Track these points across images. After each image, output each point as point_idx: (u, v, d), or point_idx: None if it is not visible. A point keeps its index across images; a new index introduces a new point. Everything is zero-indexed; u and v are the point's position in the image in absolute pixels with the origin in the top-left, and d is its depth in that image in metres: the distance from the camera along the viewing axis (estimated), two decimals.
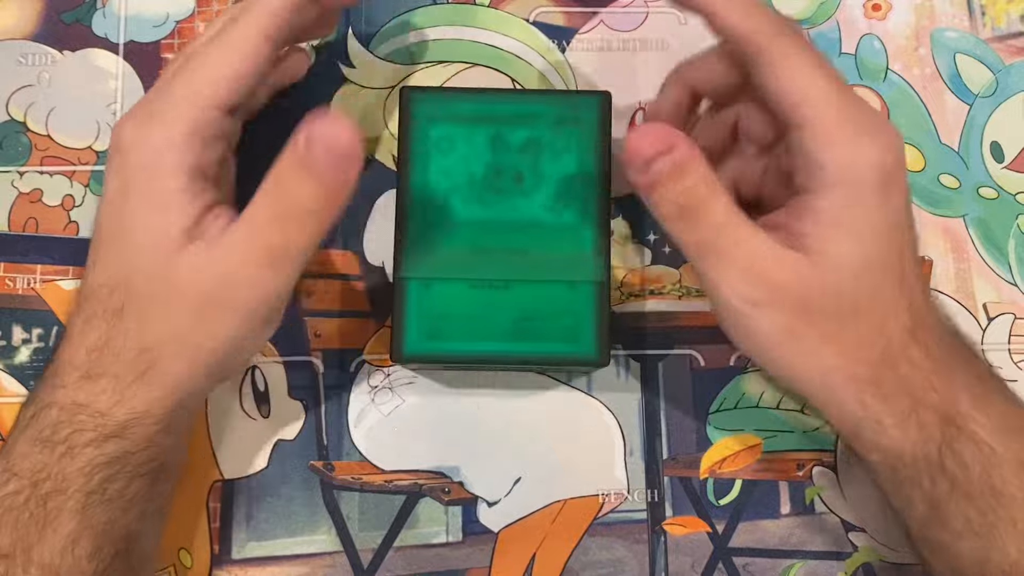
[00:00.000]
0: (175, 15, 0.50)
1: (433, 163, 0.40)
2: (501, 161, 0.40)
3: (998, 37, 0.51)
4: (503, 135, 0.40)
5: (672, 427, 0.46)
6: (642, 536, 0.45)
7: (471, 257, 0.39)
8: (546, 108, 0.40)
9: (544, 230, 0.39)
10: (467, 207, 0.39)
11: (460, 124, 0.40)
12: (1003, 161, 0.49)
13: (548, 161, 0.40)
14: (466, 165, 0.40)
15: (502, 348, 0.39)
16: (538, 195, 0.40)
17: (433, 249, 0.39)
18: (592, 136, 0.40)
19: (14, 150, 0.48)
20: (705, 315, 0.47)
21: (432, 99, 0.40)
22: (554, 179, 0.40)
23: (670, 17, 0.50)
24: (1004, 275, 0.48)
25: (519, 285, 0.39)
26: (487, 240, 0.39)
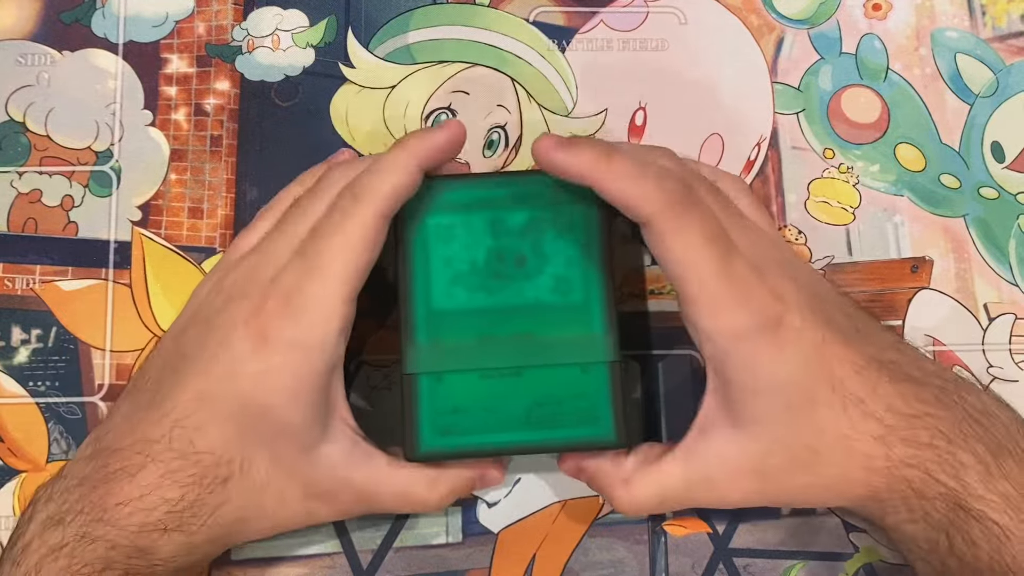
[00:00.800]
0: (174, 15, 0.50)
1: (433, 253, 0.38)
2: (502, 245, 0.38)
3: (999, 37, 0.51)
4: (502, 218, 0.39)
5: (672, 427, 0.46)
6: (642, 537, 0.45)
7: (480, 346, 0.38)
8: (543, 188, 0.39)
9: (551, 312, 0.38)
10: (471, 295, 0.38)
11: (457, 211, 0.39)
12: (1004, 161, 0.49)
13: (549, 241, 0.38)
14: (467, 252, 0.38)
15: (518, 437, 0.38)
16: (542, 277, 0.38)
17: (440, 342, 0.38)
18: (591, 209, 0.39)
19: (13, 150, 0.48)
20: None
21: (427, 189, 0.38)
22: (557, 259, 0.38)
23: (670, 17, 0.50)
24: (1005, 275, 0.48)
25: (530, 371, 0.38)
26: (494, 327, 0.38)
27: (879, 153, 0.49)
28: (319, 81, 0.49)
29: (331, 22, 0.50)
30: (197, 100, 0.49)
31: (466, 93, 0.49)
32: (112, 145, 0.48)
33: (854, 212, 0.48)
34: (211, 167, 0.48)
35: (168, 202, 0.47)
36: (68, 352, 0.45)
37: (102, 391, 0.45)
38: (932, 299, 0.47)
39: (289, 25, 0.50)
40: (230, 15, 0.50)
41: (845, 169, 0.49)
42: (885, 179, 0.49)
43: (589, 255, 0.38)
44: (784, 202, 0.48)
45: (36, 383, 0.45)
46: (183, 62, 0.49)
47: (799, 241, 0.48)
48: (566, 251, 0.38)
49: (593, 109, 0.49)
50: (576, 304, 0.38)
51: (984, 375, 0.47)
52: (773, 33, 0.51)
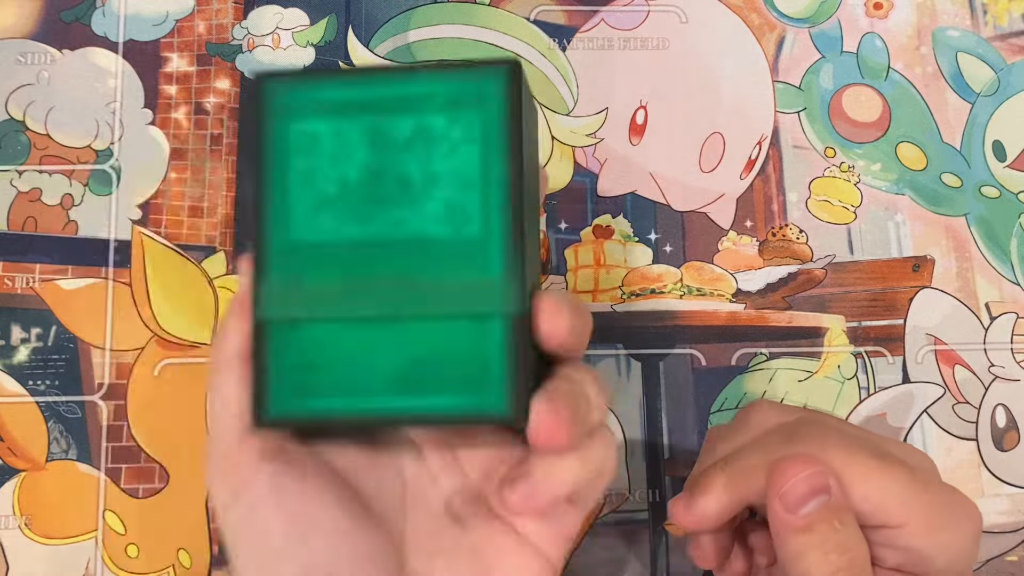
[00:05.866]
0: (175, 14, 0.50)
1: (293, 169, 0.30)
2: (381, 161, 0.30)
3: (1000, 36, 0.51)
4: (382, 127, 0.30)
5: (673, 427, 0.46)
6: (643, 536, 0.45)
7: (348, 289, 0.29)
8: (436, 87, 0.29)
9: (440, 248, 0.29)
10: (340, 224, 0.29)
11: (325, 115, 0.30)
12: (1005, 160, 0.49)
13: (442, 158, 0.29)
14: (336, 169, 0.30)
15: (388, 404, 0.29)
16: (430, 203, 0.29)
17: (298, 281, 0.29)
18: (499, 121, 0.29)
19: (13, 149, 0.48)
20: (706, 314, 0.47)
21: (289, 86, 0.30)
22: (451, 181, 0.29)
23: (671, 16, 0.50)
24: (1006, 274, 0.48)
25: (409, 322, 0.29)
26: (367, 266, 0.29)
27: (880, 152, 0.49)
28: None
29: (331, 21, 0.49)
30: (197, 99, 0.48)
31: None
32: (112, 144, 0.48)
33: (855, 211, 0.48)
34: (211, 166, 0.48)
35: (168, 201, 0.47)
36: (68, 351, 0.45)
37: (102, 390, 0.45)
38: (933, 298, 0.47)
39: (289, 24, 0.49)
40: (230, 14, 0.50)
41: (846, 168, 0.49)
42: (886, 178, 0.49)
43: (492, 177, 0.29)
44: (785, 201, 0.48)
45: (36, 382, 0.45)
46: (183, 61, 0.49)
47: (800, 240, 0.48)
48: (463, 171, 0.29)
49: (594, 108, 0.49)
50: (472, 240, 0.29)
51: (986, 374, 0.46)
52: (774, 32, 0.50)
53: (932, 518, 0.32)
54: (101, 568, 0.43)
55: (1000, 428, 0.46)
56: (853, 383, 0.46)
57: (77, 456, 0.44)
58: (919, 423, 0.46)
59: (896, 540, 0.33)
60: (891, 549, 0.33)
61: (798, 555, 0.32)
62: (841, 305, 0.47)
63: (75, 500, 0.44)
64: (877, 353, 0.47)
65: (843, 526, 0.32)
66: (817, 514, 0.31)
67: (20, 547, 0.43)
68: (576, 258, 0.47)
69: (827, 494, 0.32)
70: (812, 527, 0.31)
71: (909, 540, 0.32)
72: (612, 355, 0.46)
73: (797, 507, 0.32)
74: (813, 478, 0.32)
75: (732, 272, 0.47)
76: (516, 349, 0.29)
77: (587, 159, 0.49)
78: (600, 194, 0.48)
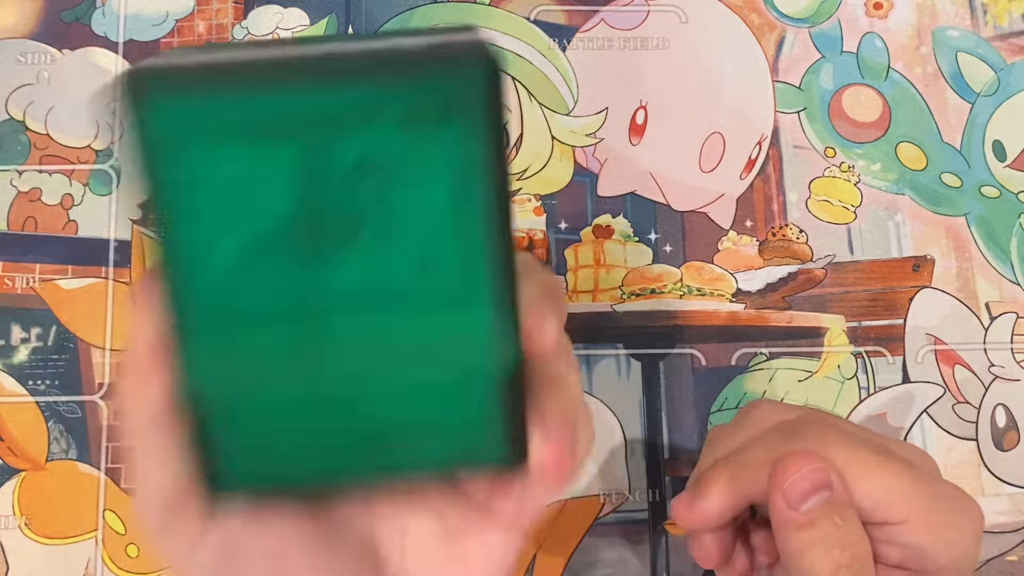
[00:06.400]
0: (175, 13, 0.50)
1: (209, 209, 0.21)
2: (325, 195, 0.21)
3: (1000, 36, 0.51)
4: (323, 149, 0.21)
5: (673, 426, 0.46)
6: (643, 536, 0.45)
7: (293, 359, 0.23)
8: (386, 94, 0.20)
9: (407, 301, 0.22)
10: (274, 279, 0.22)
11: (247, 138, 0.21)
12: (1005, 160, 0.49)
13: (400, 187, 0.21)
14: (266, 207, 0.21)
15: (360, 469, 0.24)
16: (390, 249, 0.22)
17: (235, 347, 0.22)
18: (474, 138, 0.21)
19: (13, 149, 0.48)
20: (706, 314, 0.47)
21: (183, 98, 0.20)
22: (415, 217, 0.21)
23: (671, 15, 0.50)
24: (1007, 274, 0.48)
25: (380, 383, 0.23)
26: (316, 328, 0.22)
27: (880, 152, 0.49)
28: None
29: (331, 21, 0.49)
30: None
31: None
32: (112, 144, 0.48)
33: (855, 211, 0.48)
34: None
35: None
36: (68, 351, 0.45)
37: (102, 390, 0.45)
38: (934, 298, 0.47)
39: (289, 24, 0.49)
40: (230, 14, 0.50)
41: (846, 168, 0.49)
42: (886, 178, 0.49)
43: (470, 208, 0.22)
44: (785, 201, 0.48)
45: (36, 382, 0.45)
46: None
47: (800, 240, 0.48)
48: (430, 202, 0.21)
49: (594, 108, 0.49)
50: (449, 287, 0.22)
51: (986, 374, 0.46)
52: (774, 32, 0.50)
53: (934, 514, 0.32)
54: (101, 568, 0.43)
55: (1000, 428, 0.46)
56: (853, 383, 0.46)
57: (77, 456, 0.44)
58: (919, 423, 0.46)
59: (898, 537, 0.33)
60: (893, 546, 0.33)
61: (800, 551, 0.32)
62: (841, 305, 0.47)
63: (75, 500, 0.44)
64: (877, 353, 0.47)
65: (845, 522, 0.32)
66: (819, 510, 0.31)
67: (20, 547, 0.43)
68: (576, 258, 0.47)
69: (829, 490, 0.32)
70: (814, 523, 0.31)
71: (911, 536, 0.32)
72: (612, 355, 0.46)
73: (799, 503, 0.32)
74: (815, 474, 0.32)
75: (732, 272, 0.47)
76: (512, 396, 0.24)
77: (587, 159, 0.49)
78: (600, 194, 0.48)
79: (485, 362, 0.23)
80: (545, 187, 0.48)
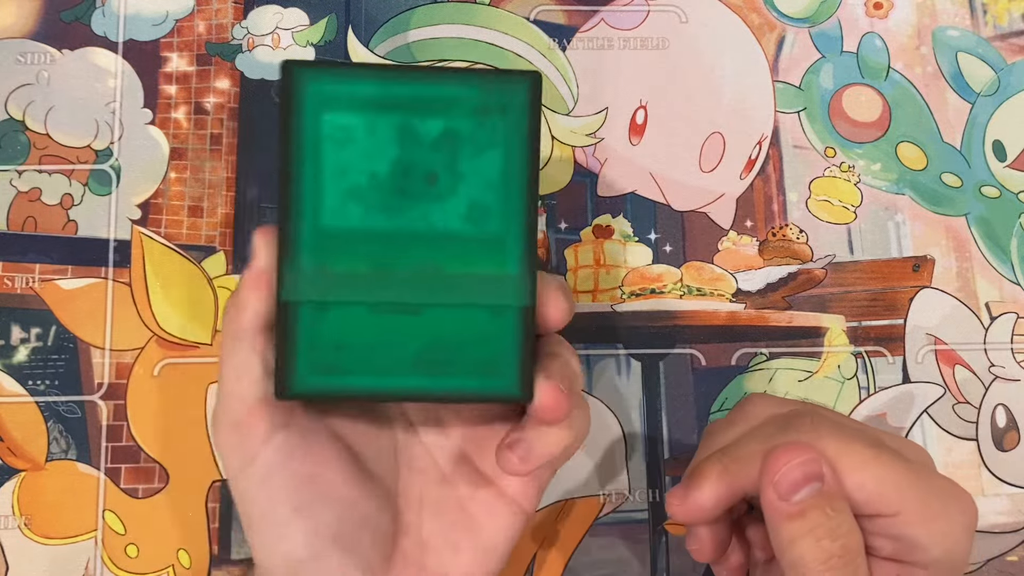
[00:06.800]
0: (174, 13, 0.50)
1: (325, 159, 0.31)
2: (411, 157, 0.31)
3: (1000, 35, 0.51)
4: (413, 126, 0.31)
5: (673, 427, 0.45)
6: (643, 536, 0.45)
7: (373, 276, 0.32)
8: (465, 92, 0.31)
9: (461, 244, 0.32)
10: (368, 215, 0.31)
11: (359, 110, 0.31)
12: (1005, 160, 0.49)
13: (467, 158, 0.31)
14: (367, 162, 0.31)
15: (408, 383, 0.32)
16: (455, 200, 0.32)
17: (326, 266, 0.31)
18: (520, 128, 0.32)
19: (13, 149, 0.48)
20: (706, 314, 0.47)
21: (323, 77, 0.31)
22: (474, 180, 0.32)
23: (671, 15, 0.50)
24: (1007, 274, 0.48)
25: (430, 309, 0.32)
26: (393, 255, 0.32)
27: (880, 152, 0.49)
28: None
29: (331, 20, 0.49)
30: (197, 99, 0.48)
31: None
32: (112, 144, 0.48)
33: (855, 211, 0.48)
34: (211, 166, 0.48)
35: (168, 201, 0.47)
36: (68, 351, 0.45)
37: (101, 390, 0.45)
38: (934, 298, 0.47)
39: (289, 23, 0.49)
40: (230, 13, 0.50)
41: (846, 168, 0.49)
42: (886, 178, 0.49)
43: (513, 180, 0.32)
44: (785, 201, 0.48)
45: (35, 382, 0.45)
46: (183, 61, 0.49)
47: (800, 240, 0.48)
48: (486, 172, 0.32)
49: (594, 108, 0.49)
50: (492, 237, 0.32)
51: (986, 374, 0.46)
52: (774, 32, 0.50)
53: (927, 507, 0.32)
54: (101, 568, 0.43)
55: (1000, 428, 0.46)
56: (853, 383, 0.46)
57: (77, 456, 0.44)
58: (919, 423, 0.46)
59: (890, 529, 0.33)
60: (885, 538, 0.33)
61: (791, 542, 0.32)
62: (841, 305, 0.47)
63: (75, 500, 0.44)
64: (877, 353, 0.47)
65: (836, 513, 0.31)
66: (810, 501, 0.31)
67: (20, 547, 0.43)
68: (576, 258, 0.47)
69: (820, 481, 0.32)
70: (805, 514, 0.31)
71: (903, 529, 0.32)
72: (612, 355, 0.46)
73: (790, 494, 0.32)
74: (806, 465, 0.32)
75: (732, 272, 0.47)
76: (526, 337, 0.32)
77: (587, 159, 0.49)
78: (600, 194, 0.48)
79: (511, 299, 0.32)
80: (545, 187, 0.48)
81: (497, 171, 0.32)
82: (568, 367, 0.33)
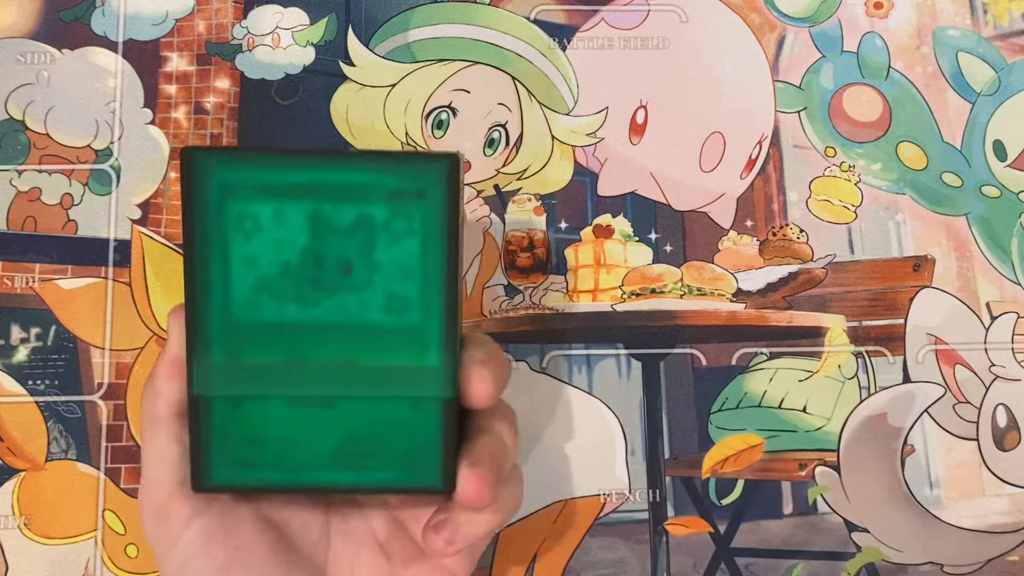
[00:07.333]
0: (174, 13, 0.50)
1: (232, 249, 0.29)
2: (324, 246, 0.30)
3: (1000, 35, 0.51)
4: (324, 213, 0.30)
5: (674, 426, 0.45)
6: (644, 536, 0.44)
7: (287, 368, 0.30)
8: (379, 178, 0.30)
9: (378, 335, 0.30)
10: (280, 306, 0.30)
11: (266, 198, 0.29)
12: (1006, 159, 0.49)
13: (383, 247, 0.30)
14: (278, 251, 0.30)
15: (327, 477, 0.31)
16: (370, 291, 0.30)
17: (237, 359, 0.30)
18: (439, 214, 0.30)
19: (13, 149, 0.48)
20: (706, 314, 0.46)
21: (228, 163, 0.29)
22: (391, 270, 0.30)
23: (671, 15, 0.50)
24: (1007, 274, 0.48)
25: (347, 402, 0.31)
26: (306, 347, 0.30)
27: (881, 151, 0.49)
28: (319, 79, 0.48)
29: (331, 20, 0.49)
30: (197, 98, 0.48)
31: (467, 91, 0.48)
32: (112, 143, 0.48)
33: (856, 211, 0.48)
34: None
35: (168, 200, 0.47)
36: (67, 351, 0.45)
37: (101, 390, 0.45)
38: (934, 298, 0.47)
39: (289, 23, 0.49)
40: (230, 13, 0.50)
41: (847, 167, 0.49)
42: (887, 177, 0.49)
43: (432, 268, 0.30)
44: (785, 200, 0.48)
45: (35, 382, 0.45)
46: (183, 60, 0.49)
47: (801, 240, 0.48)
48: (403, 261, 0.30)
49: (594, 107, 0.49)
50: (411, 327, 0.30)
51: (986, 374, 0.46)
52: (774, 31, 0.50)
53: None
54: (101, 568, 0.43)
55: (1001, 428, 0.46)
56: (853, 383, 0.46)
57: (77, 456, 0.44)
58: (919, 423, 0.46)
59: None
60: None
61: None
62: (841, 305, 0.47)
63: (75, 500, 0.44)
64: (878, 353, 0.46)
65: None
66: None
67: (20, 547, 0.43)
68: (576, 258, 0.47)
69: None
70: None
71: None
72: (612, 355, 0.46)
73: None
74: None
75: (732, 272, 0.47)
76: (447, 429, 0.31)
77: (587, 159, 0.49)
78: (600, 194, 0.48)
79: (431, 391, 0.31)
80: (545, 187, 0.48)
81: (415, 259, 0.30)
82: (497, 445, 0.32)
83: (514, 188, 0.48)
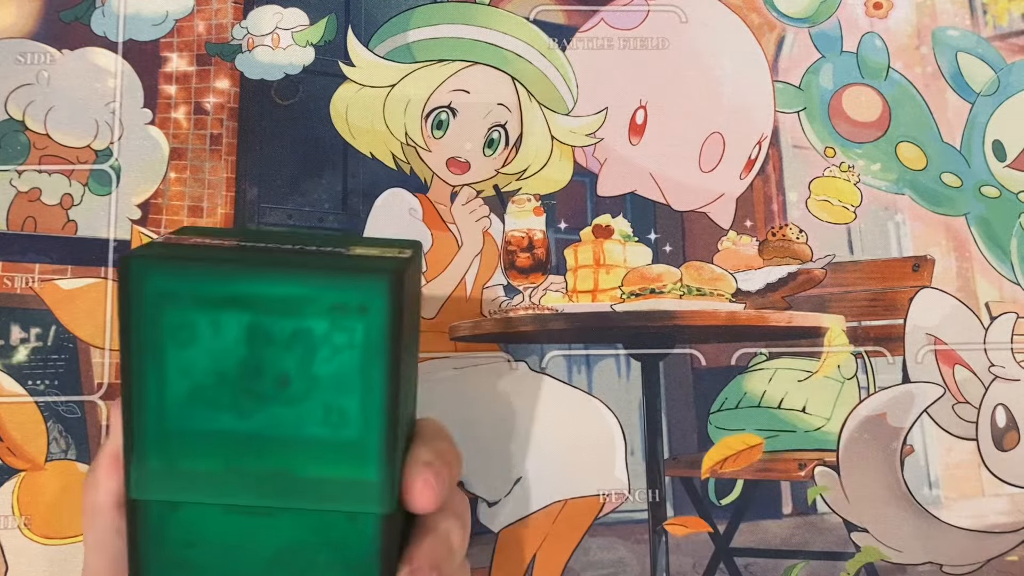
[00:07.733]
0: (174, 13, 0.50)
1: (168, 358, 0.29)
2: (260, 358, 0.29)
3: (1000, 35, 0.51)
4: (262, 325, 0.29)
5: (673, 427, 0.45)
6: (643, 536, 0.45)
7: (224, 476, 0.30)
8: (318, 292, 0.29)
9: (316, 447, 0.30)
10: (216, 416, 0.29)
11: (203, 307, 0.29)
12: (1005, 160, 0.49)
13: (322, 361, 0.29)
14: (214, 362, 0.29)
15: None
16: (308, 404, 0.29)
17: (174, 465, 0.30)
18: (380, 328, 0.29)
19: (12, 149, 0.48)
20: (706, 314, 0.46)
21: (164, 272, 0.29)
22: (329, 384, 0.29)
23: (671, 15, 0.50)
24: (1007, 274, 0.48)
25: (285, 512, 0.30)
26: (243, 458, 0.30)
27: (880, 152, 0.49)
28: (319, 79, 0.48)
29: (331, 20, 0.49)
30: (197, 99, 0.48)
31: (466, 91, 0.48)
32: (112, 144, 0.48)
33: (855, 211, 0.48)
34: (211, 166, 0.48)
35: (168, 201, 0.47)
36: (67, 351, 0.45)
37: (101, 390, 0.45)
38: (934, 298, 0.47)
39: (289, 23, 0.49)
40: (230, 13, 0.50)
41: (846, 168, 0.49)
42: (886, 178, 0.49)
43: (373, 382, 0.29)
44: (785, 201, 0.48)
45: (35, 382, 0.45)
46: (183, 61, 0.49)
47: (800, 240, 0.48)
48: (343, 374, 0.29)
49: (593, 108, 0.49)
50: (349, 441, 0.30)
51: (986, 374, 0.46)
52: (774, 31, 0.50)
53: None
54: None
55: (1000, 428, 0.46)
56: (853, 383, 0.46)
57: (76, 456, 0.44)
58: (919, 423, 0.46)
59: None
60: None
61: None
62: (841, 305, 0.47)
63: (75, 500, 0.44)
64: (877, 353, 0.47)
65: None
66: None
67: (20, 547, 0.43)
68: (576, 258, 0.47)
69: None
70: None
71: None
72: (612, 355, 0.46)
73: None
74: None
75: (732, 272, 0.47)
76: (386, 544, 0.30)
77: (587, 159, 0.49)
78: (600, 194, 0.48)
79: (370, 506, 0.30)
80: (545, 187, 0.48)
81: (355, 373, 0.29)
82: (440, 548, 0.31)
83: (514, 188, 0.48)
